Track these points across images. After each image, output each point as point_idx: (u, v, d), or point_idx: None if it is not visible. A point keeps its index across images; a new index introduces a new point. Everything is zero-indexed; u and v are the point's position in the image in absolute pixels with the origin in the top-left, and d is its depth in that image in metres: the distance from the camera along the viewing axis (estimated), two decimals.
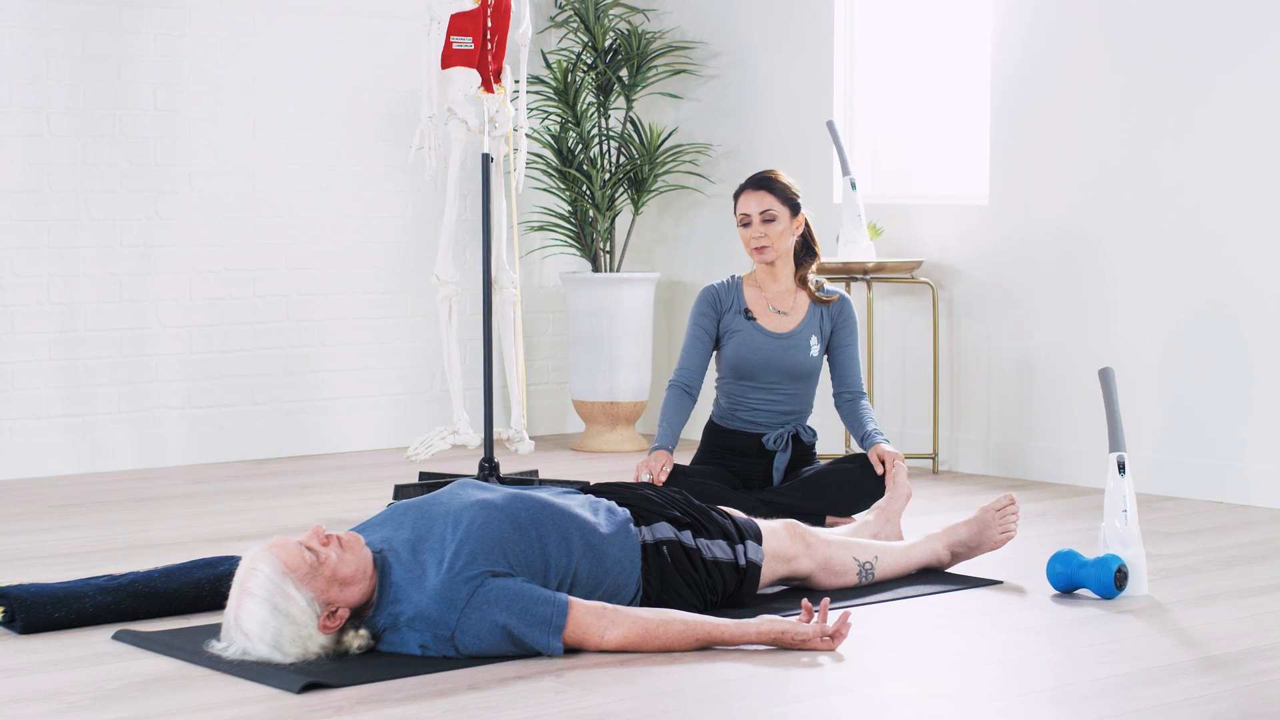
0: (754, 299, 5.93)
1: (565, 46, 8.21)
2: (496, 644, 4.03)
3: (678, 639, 4.14)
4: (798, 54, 7.76)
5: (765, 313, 5.92)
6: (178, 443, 7.38)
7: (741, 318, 5.90)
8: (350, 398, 7.82)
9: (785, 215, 5.86)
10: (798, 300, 5.95)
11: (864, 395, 5.94)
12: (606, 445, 7.89)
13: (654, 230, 8.39)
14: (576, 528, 4.28)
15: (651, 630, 4.13)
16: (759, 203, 5.85)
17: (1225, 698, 3.78)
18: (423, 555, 4.08)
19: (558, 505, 4.31)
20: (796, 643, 4.16)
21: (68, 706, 3.72)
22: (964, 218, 7.19)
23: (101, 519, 6.12)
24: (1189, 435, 6.51)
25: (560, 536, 4.24)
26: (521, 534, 4.18)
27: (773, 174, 5.91)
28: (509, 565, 4.10)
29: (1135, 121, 6.62)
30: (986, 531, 5.06)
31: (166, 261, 7.34)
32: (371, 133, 7.80)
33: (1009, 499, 5.07)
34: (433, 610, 4.02)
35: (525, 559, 4.15)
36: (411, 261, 7.90)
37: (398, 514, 4.26)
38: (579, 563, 4.25)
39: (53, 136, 7.08)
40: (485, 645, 4.03)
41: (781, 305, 5.93)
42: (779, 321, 5.91)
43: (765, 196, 5.85)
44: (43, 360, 7.08)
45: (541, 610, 4.05)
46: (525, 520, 4.21)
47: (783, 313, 5.92)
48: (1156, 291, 6.60)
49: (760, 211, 5.84)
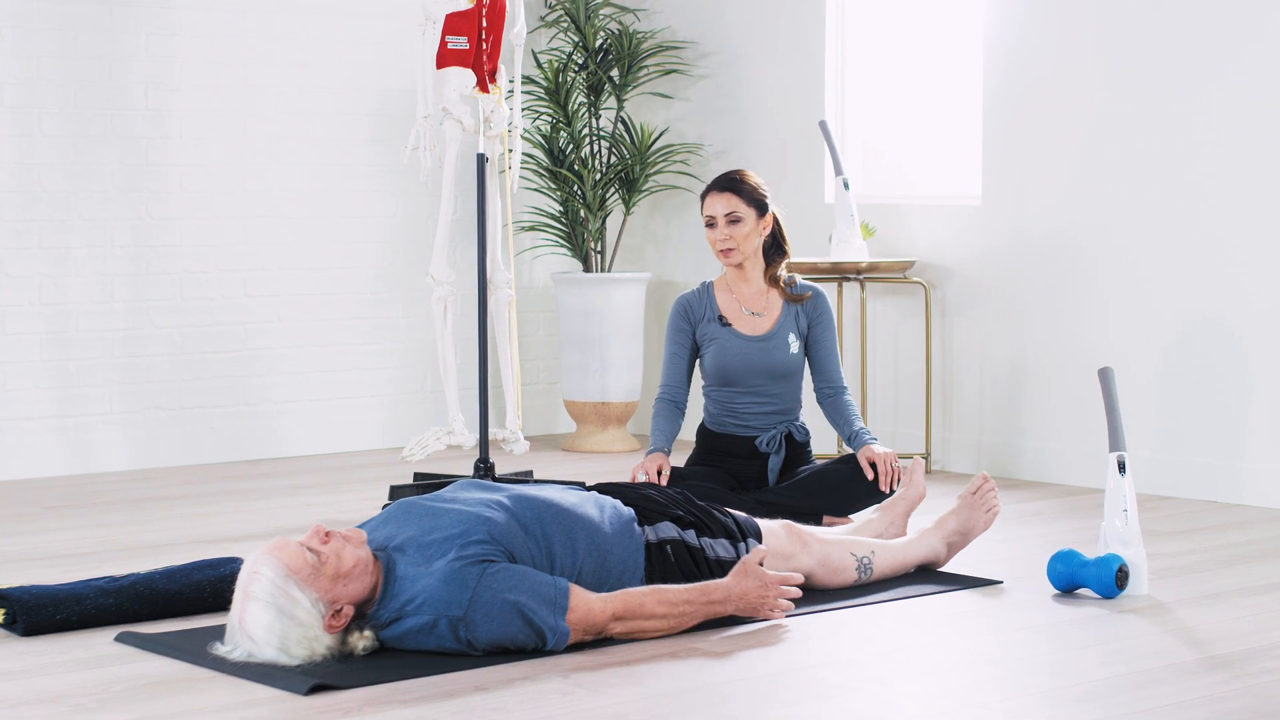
0: (727, 304, 5.91)
1: (556, 46, 8.20)
2: (508, 623, 4.02)
3: (668, 603, 4.24)
4: (789, 54, 7.76)
5: (740, 316, 5.90)
6: (170, 443, 7.36)
7: (717, 324, 5.88)
8: (343, 398, 7.81)
9: (751, 216, 5.84)
10: (770, 299, 5.93)
11: (845, 390, 5.93)
12: (598, 445, 7.89)
13: (645, 230, 8.39)
14: (582, 527, 4.29)
15: (644, 596, 4.22)
16: (725, 204, 5.82)
17: (1232, 697, 3.78)
18: (429, 550, 4.07)
19: (563, 505, 4.31)
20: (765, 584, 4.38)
21: (74, 709, 3.71)
22: (956, 218, 7.20)
23: (96, 520, 6.10)
24: (1183, 434, 6.52)
25: (565, 536, 4.25)
26: (528, 534, 4.18)
27: (739, 174, 5.88)
28: (515, 561, 4.12)
29: (1128, 121, 6.63)
30: (973, 515, 5.08)
31: (158, 262, 7.32)
32: (363, 133, 7.79)
33: (982, 478, 5.10)
34: (443, 592, 4.01)
35: (531, 558, 4.16)
36: (403, 262, 7.89)
37: (401, 512, 4.26)
38: (584, 562, 4.26)
39: (44, 136, 7.05)
40: (497, 626, 4.01)
41: (755, 306, 5.91)
42: (754, 324, 5.89)
43: (730, 198, 5.82)
44: (34, 361, 7.06)
45: (546, 590, 4.07)
46: (531, 520, 4.22)
47: (757, 314, 5.90)
48: (1149, 291, 6.61)
49: (726, 214, 5.82)
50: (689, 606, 4.28)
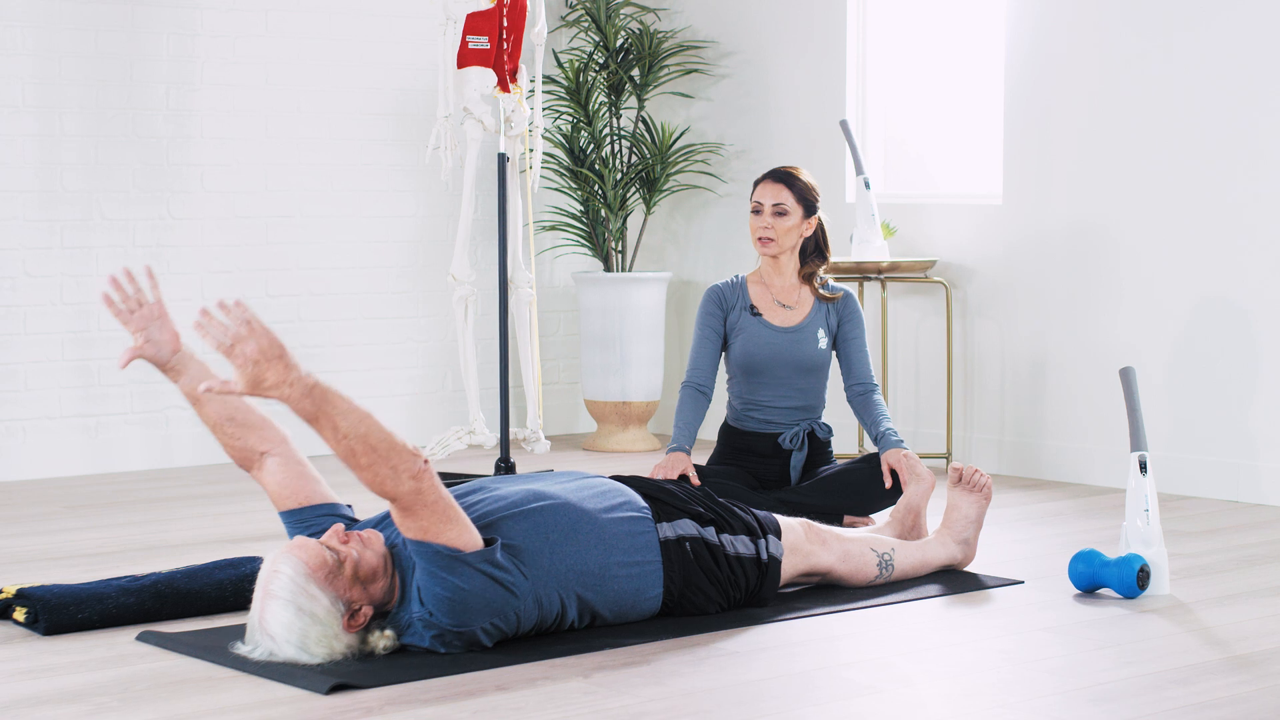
0: (759, 295, 5.93)
1: (577, 46, 8.20)
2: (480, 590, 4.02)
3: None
4: (810, 53, 7.75)
5: (771, 308, 5.91)
6: (191, 443, 7.37)
7: (747, 314, 5.90)
8: (363, 398, 7.79)
9: (798, 213, 5.85)
10: (802, 295, 5.94)
11: (876, 388, 5.91)
12: (618, 445, 7.89)
13: (665, 230, 8.39)
14: (588, 522, 4.26)
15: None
16: (774, 194, 5.84)
17: (1256, 697, 3.77)
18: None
19: (572, 505, 4.27)
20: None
21: (96, 708, 3.71)
22: (978, 217, 7.19)
23: (116, 520, 6.11)
24: (1205, 433, 6.50)
25: (569, 532, 4.22)
26: (543, 539, 4.18)
27: (795, 170, 5.90)
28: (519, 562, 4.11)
29: (1151, 120, 6.62)
30: (968, 500, 5.08)
31: (178, 261, 7.33)
32: (383, 132, 7.79)
33: (956, 472, 5.09)
34: (442, 618, 4.04)
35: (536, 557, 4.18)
36: (424, 261, 7.89)
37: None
38: (590, 554, 4.23)
39: (65, 136, 7.07)
40: (476, 608, 4.03)
41: (787, 300, 5.92)
42: (785, 315, 5.90)
43: (782, 190, 5.84)
44: (55, 360, 7.07)
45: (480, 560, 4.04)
46: (544, 524, 4.19)
47: (788, 306, 5.91)
48: (1171, 290, 6.59)
49: (773, 204, 5.84)
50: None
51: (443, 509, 3.96)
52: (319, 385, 3.83)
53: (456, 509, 4.00)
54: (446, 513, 3.97)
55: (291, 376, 3.81)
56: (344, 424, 3.84)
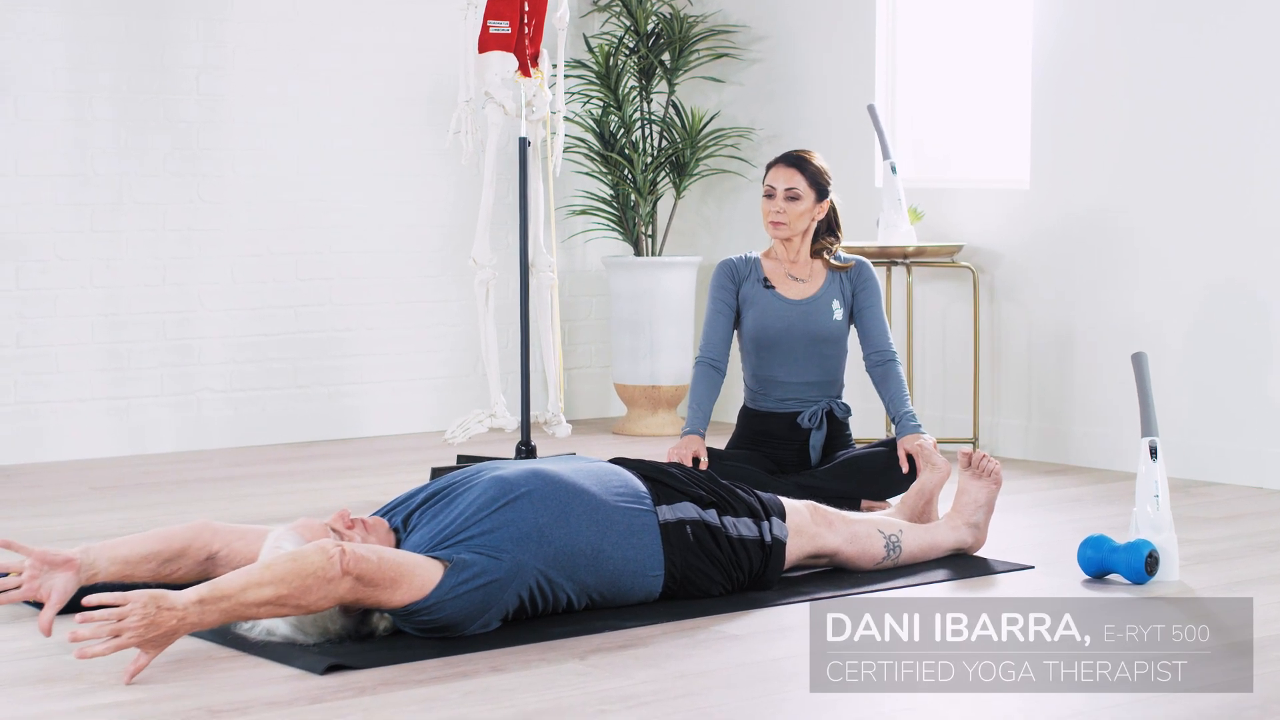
0: (772, 269, 5.92)
1: (607, 30, 8.21)
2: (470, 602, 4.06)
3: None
4: (840, 38, 7.74)
5: (784, 280, 5.90)
6: (220, 425, 7.42)
7: (760, 286, 5.89)
8: (391, 381, 7.85)
9: (810, 197, 5.84)
10: (815, 268, 5.93)
11: (895, 357, 5.86)
12: (648, 429, 7.90)
13: (696, 214, 8.39)
14: (581, 503, 4.26)
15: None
16: (786, 179, 5.83)
17: (1255, 683, 3.76)
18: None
19: (564, 485, 4.27)
20: None
21: (94, 686, 3.75)
22: (1005, 201, 7.17)
23: (144, 501, 6.17)
24: (1233, 419, 6.47)
25: (560, 515, 4.23)
26: (531, 523, 4.19)
27: (807, 154, 5.89)
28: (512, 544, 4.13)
29: (1178, 105, 6.58)
30: (979, 485, 5.09)
31: (209, 245, 7.38)
32: (414, 117, 7.82)
33: (964, 459, 5.10)
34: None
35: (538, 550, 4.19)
36: (453, 245, 7.92)
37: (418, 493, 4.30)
38: (583, 536, 4.24)
39: (96, 120, 7.12)
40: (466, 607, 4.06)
41: (799, 273, 5.91)
42: (798, 288, 5.89)
43: (794, 174, 5.83)
44: (86, 343, 7.14)
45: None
46: (532, 507, 4.20)
47: (801, 280, 5.91)
48: (1198, 274, 6.56)
49: (786, 188, 5.83)
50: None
51: (387, 573, 3.91)
52: (205, 595, 3.78)
53: (396, 561, 3.94)
54: (390, 573, 3.92)
55: (181, 609, 3.76)
56: (255, 596, 3.80)
